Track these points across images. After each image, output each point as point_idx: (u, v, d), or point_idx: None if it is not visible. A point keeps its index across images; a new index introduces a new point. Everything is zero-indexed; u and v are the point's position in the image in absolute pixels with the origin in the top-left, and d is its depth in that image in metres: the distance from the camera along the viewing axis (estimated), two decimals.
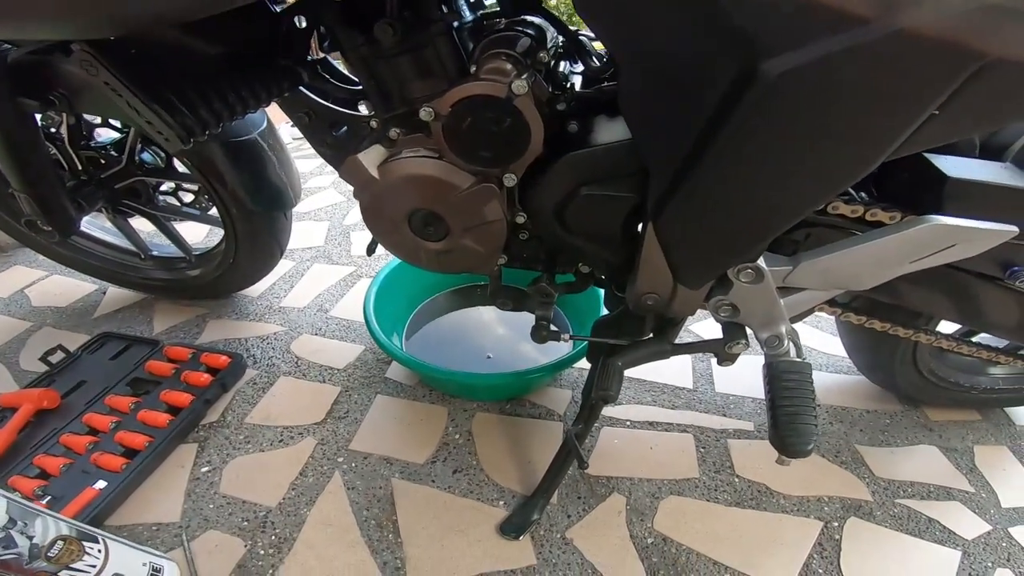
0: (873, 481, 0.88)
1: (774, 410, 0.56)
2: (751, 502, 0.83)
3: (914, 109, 0.41)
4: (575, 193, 0.58)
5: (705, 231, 0.53)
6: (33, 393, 0.96)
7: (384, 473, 0.86)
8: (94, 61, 0.55)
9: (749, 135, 0.44)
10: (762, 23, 0.39)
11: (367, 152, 0.59)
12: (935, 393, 0.97)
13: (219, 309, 1.24)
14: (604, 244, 0.62)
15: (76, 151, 0.98)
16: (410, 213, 0.64)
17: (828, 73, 0.40)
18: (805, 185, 0.47)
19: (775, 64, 0.39)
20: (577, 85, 0.64)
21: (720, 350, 0.64)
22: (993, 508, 0.86)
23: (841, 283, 0.58)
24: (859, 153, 0.44)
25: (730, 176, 0.47)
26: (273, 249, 1.11)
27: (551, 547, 0.76)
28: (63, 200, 0.89)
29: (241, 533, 0.78)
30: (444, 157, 0.58)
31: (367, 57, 0.58)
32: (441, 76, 0.58)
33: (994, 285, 0.66)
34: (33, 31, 0.53)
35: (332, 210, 1.68)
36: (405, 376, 1.04)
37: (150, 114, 0.57)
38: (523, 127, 0.54)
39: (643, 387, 1.03)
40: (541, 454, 0.88)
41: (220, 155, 0.91)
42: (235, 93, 0.63)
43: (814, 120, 0.43)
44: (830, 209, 0.56)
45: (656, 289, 0.59)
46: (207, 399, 0.97)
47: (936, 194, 0.55)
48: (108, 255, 1.22)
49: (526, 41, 0.56)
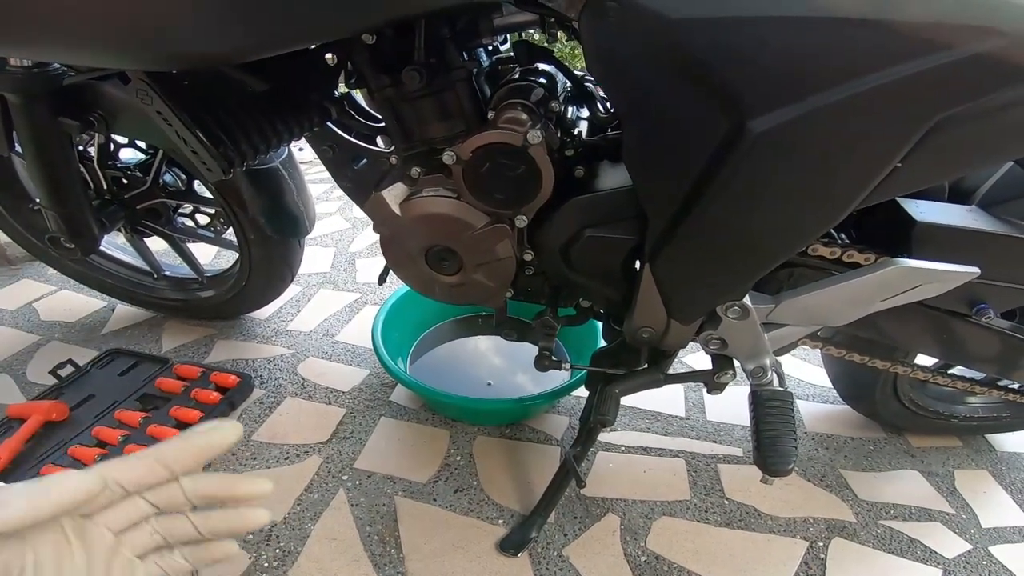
0: (857, 503, 0.91)
1: (758, 434, 0.61)
2: (740, 523, 0.87)
3: (878, 163, 0.46)
4: (579, 234, 0.62)
5: (697, 272, 0.57)
6: (42, 405, 0.97)
7: (387, 491, 0.89)
8: (150, 91, 0.59)
9: (735, 187, 0.49)
10: (747, 86, 0.44)
11: (390, 190, 0.63)
12: (916, 421, 1.01)
13: (227, 330, 1.26)
14: (605, 281, 0.66)
15: (103, 171, 1.00)
16: (427, 248, 0.68)
17: (802, 131, 0.45)
18: (783, 232, 0.52)
19: (758, 123, 0.44)
20: (584, 131, 0.69)
21: (710, 380, 0.68)
22: (973, 528, 0.89)
23: (819, 319, 0.63)
24: (829, 205, 0.49)
25: (719, 223, 0.52)
26: (284, 274, 1.14)
27: (548, 564, 0.79)
28: (89, 219, 0.91)
29: (246, 545, 0.80)
30: (462, 197, 0.62)
31: (392, 98, 0.62)
32: (460, 119, 0.62)
33: (963, 321, 0.70)
34: (101, 60, 0.56)
35: (338, 236, 1.71)
36: (408, 400, 1.07)
37: (197, 145, 0.61)
38: (535, 173, 0.58)
39: (637, 415, 1.06)
40: (539, 476, 0.91)
41: (243, 182, 0.94)
42: (272, 126, 0.67)
43: (790, 175, 0.48)
44: (810, 251, 0.61)
45: (651, 323, 0.63)
46: (215, 416, 0.99)
47: (906, 237, 0.60)
48: (122, 274, 1.24)
49: (539, 91, 0.60)
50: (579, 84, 0.70)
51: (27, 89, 0.73)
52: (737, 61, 0.43)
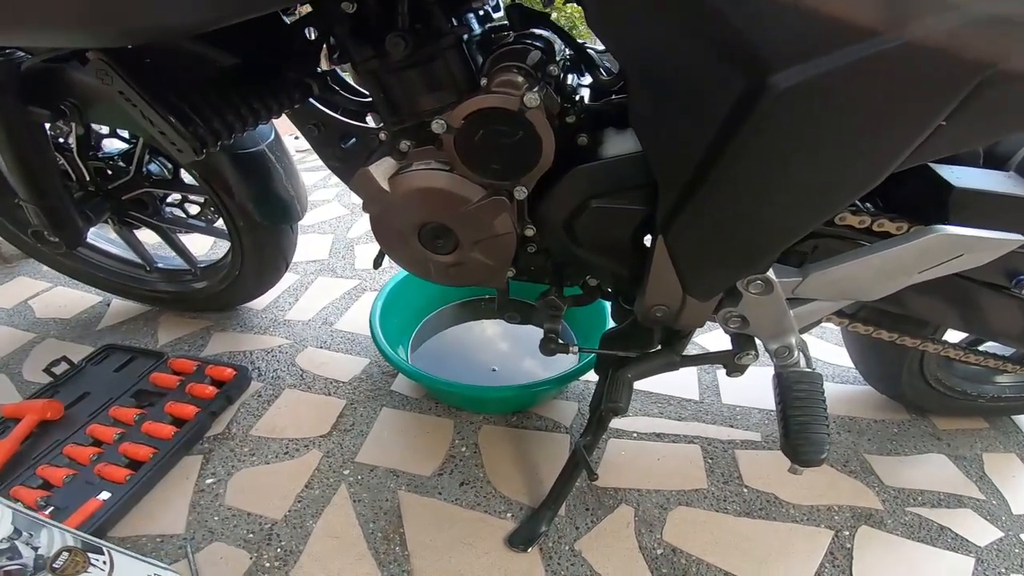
0: (883, 490, 0.88)
1: (786, 420, 0.56)
2: (760, 512, 0.83)
3: (921, 121, 0.42)
4: (585, 206, 0.58)
5: (715, 243, 0.53)
6: (37, 404, 0.96)
7: (390, 485, 0.86)
8: (109, 70, 0.55)
9: (758, 149, 0.45)
10: (770, 37, 0.40)
11: (378, 165, 0.60)
12: (942, 402, 0.97)
13: (224, 322, 1.24)
14: (613, 257, 0.62)
15: (84, 162, 0.98)
16: (420, 226, 0.64)
17: (835, 87, 0.41)
18: (813, 198, 0.48)
19: (783, 78, 0.40)
20: (586, 98, 0.65)
21: (730, 361, 0.64)
22: (1004, 515, 0.86)
23: (850, 294, 0.58)
24: (865, 166, 0.45)
25: (740, 189, 0.48)
26: (279, 262, 1.12)
27: (560, 559, 0.76)
28: (71, 211, 0.90)
29: (246, 545, 0.78)
30: (455, 170, 0.59)
31: (377, 70, 0.59)
32: (451, 89, 0.59)
33: (1001, 294, 0.67)
34: (51, 39, 0.53)
35: (336, 223, 1.69)
36: (410, 389, 1.04)
37: (163, 124, 0.57)
38: (534, 140, 0.54)
39: (649, 399, 1.03)
40: (548, 466, 0.88)
41: (228, 167, 0.91)
42: (246, 104, 0.64)
43: (821, 134, 0.44)
44: (838, 220, 0.57)
45: (665, 301, 0.60)
46: (212, 411, 0.97)
47: (942, 204, 0.55)
48: (114, 267, 1.22)
49: (536, 54, 0.57)
50: (580, 50, 0.66)
51: None
52: (758, 11, 0.39)
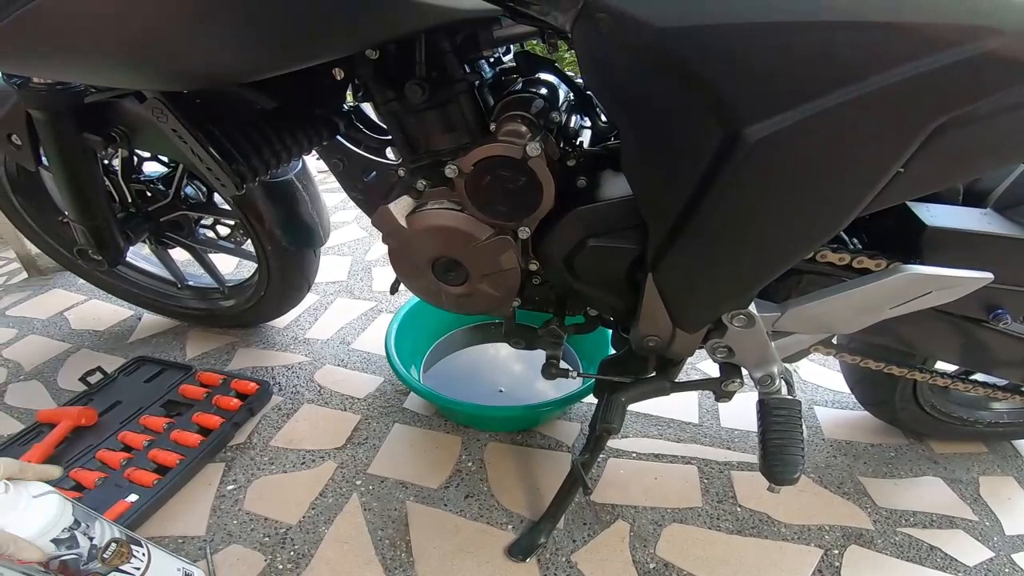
0: (875, 511, 0.89)
1: (764, 442, 0.60)
2: (752, 530, 0.86)
3: (879, 168, 0.45)
4: (582, 244, 0.63)
5: (698, 281, 0.57)
6: (72, 411, 1.01)
7: (399, 496, 0.90)
8: (165, 109, 0.61)
9: (734, 195, 0.49)
10: (742, 93, 0.43)
11: (396, 203, 0.65)
12: (938, 427, 0.98)
13: (248, 338, 1.29)
14: (609, 291, 0.66)
15: (127, 184, 1.04)
16: (434, 259, 0.69)
17: (800, 137, 0.44)
18: (786, 240, 0.51)
19: (754, 131, 0.44)
20: (585, 141, 0.70)
21: (717, 388, 0.68)
22: (996, 535, 0.87)
23: (827, 327, 0.61)
24: (830, 212, 0.48)
25: (719, 231, 0.52)
26: (301, 284, 1.16)
27: (556, 570, 0.79)
28: (114, 231, 0.95)
29: (262, 548, 0.82)
30: (466, 210, 0.64)
31: (397, 111, 0.64)
32: (464, 130, 0.64)
33: (980, 327, 0.68)
34: (119, 81, 0.59)
35: (355, 245, 1.73)
36: (422, 407, 1.08)
37: (210, 161, 0.63)
38: (536, 185, 0.59)
39: (650, 421, 1.05)
40: (549, 482, 0.91)
41: (259, 194, 0.97)
42: (282, 142, 0.69)
43: (789, 181, 0.47)
44: (819, 258, 0.60)
45: (657, 332, 0.63)
46: (235, 422, 1.02)
47: (916, 242, 0.58)
48: (147, 283, 1.29)
49: (540, 103, 0.61)
50: (581, 93, 0.71)
51: (51, 106, 0.76)
52: (728, 69, 0.43)
